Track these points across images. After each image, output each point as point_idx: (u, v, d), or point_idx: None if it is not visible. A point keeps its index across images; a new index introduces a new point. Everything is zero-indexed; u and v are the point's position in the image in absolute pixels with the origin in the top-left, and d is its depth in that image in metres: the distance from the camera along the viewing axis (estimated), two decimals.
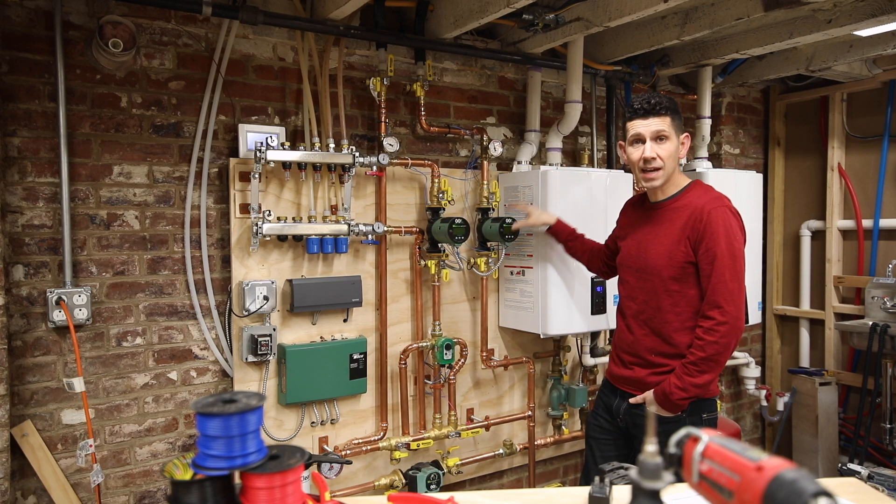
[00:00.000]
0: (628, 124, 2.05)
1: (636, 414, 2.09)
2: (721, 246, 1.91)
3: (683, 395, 1.93)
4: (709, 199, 1.98)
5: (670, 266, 1.98)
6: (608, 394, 2.22)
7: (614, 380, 2.19)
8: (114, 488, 2.28)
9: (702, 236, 1.93)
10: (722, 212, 1.94)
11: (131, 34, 2.08)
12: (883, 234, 3.52)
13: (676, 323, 1.99)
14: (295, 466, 0.98)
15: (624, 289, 2.17)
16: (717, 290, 1.90)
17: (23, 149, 2.11)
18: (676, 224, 1.99)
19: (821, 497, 0.68)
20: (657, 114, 1.98)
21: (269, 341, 2.38)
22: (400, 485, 2.66)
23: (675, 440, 0.86)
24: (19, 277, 2.12)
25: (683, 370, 1.93)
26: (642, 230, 2.11)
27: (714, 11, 2.56)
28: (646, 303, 2.05)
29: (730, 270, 1.90)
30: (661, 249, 2.01)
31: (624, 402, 2.12)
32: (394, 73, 2.60)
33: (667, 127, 1.99)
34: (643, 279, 2.06)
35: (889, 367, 3.33)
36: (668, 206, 2.05)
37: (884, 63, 3.40)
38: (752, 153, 3.94)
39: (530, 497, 1.41)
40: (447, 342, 2.69)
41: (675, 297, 1.99)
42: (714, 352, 1.89)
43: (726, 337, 1.89)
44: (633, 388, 2.10)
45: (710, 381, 1.95)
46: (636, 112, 2.01)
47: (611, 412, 2.19)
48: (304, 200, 2.50)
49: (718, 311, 1.89)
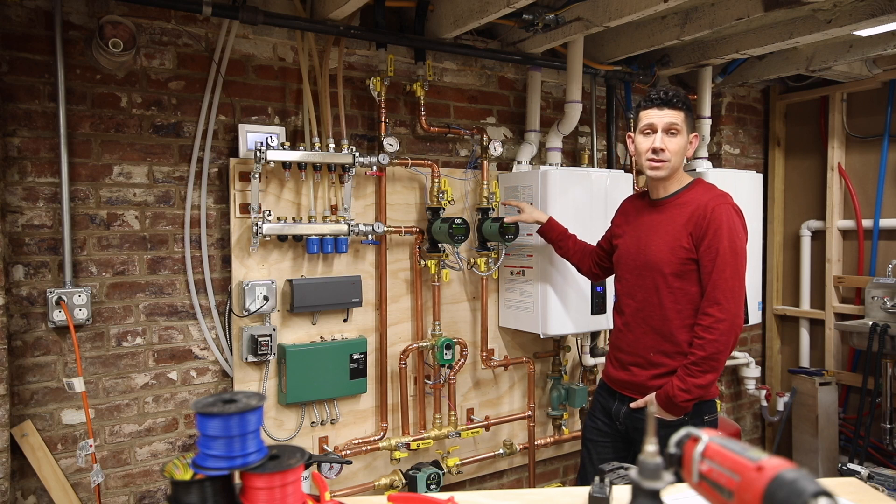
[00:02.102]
0: (641, 113, 2.03)
1: (637, 418, 2.07)
2: (724, 243, 1.90)
3: (687, 397, 1.91)
4: (712, 196, 1.98)
5: (672, 262, 1.97)
6: (606, 396, 2.21)
7: (612, 383, 2.18)
8: (114, 488, 2.29)
9: (705, 233, 1.92)
10: (726, 209, 1.94)
11: (131, 34, 2.08)
12: (883, 234, 3.52)
13: (678, 320, 1.98)
14: (295, 466, 0.98)
15: (622, 287, 2.15)
16: (718, 286, 1.89)
17: (23, 149, 2.11)
18: (679, 220, 1.98)
19: (821, 497, 0.68)
20: (673, 106, 1.98)
21: (269, 341, 2.38)
22: (400, 485, 2.66)
23: (675, 440, 0.87)
24: (19, 277, 2.12)
25: (685, 371, 1.92)
26: (643, 227, 2.09)
27: (714, 11, 2.56)
28: (646, 300, 2.04)
29: (731, 268, 1.90)
30: (663, 245, 2.00)
31: (624, 406, 2.11)
32: (394, 73, 2.60)
33: (680, 121, 1.98)
34: (643, 276, 2.04)
35: (889, 367, 3.33)
36: (671, 202, 2.04)
37: (884, 63, 3.40)
38: (752, 153, 3.94)
39: (530, 497, 1.41)
40: (447, 342, 2.69)
41: (676, 295, 1.98)
42: (714, 350, 1.88)
43: (725, 335, 1.88)
44: (633, 391, 2.09)
45: (713, 382, 1.94)
46: (652, 101, 1.99)
47: (609, 415, 2.18)
48: (304, 200, 2.50)
49: (718, 308, 1.88)
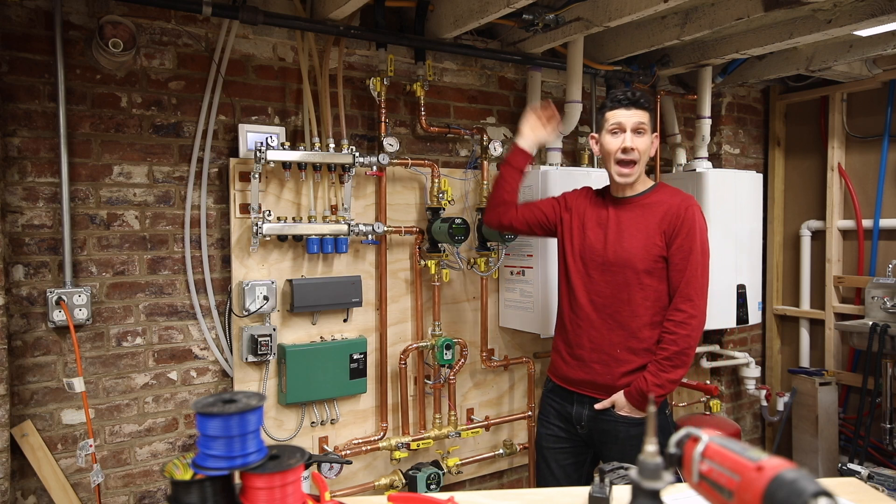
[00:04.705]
0: (608, 114, 2.06)
1: (603, 419, 2.05)
2: (696, 242, 1.99)
3: (661, 392, 1.97)
4: (683, 197, 2.06)
5: (646, 259, 2.00)
6: (559, 400, 2.17)
7: (569, 383, 2.14)
8: (114, 488, 2.28)
9: (678, 232, 1.99)
10: (697, 210, 2.04)
11: (131, 34, 2.08)
12: (883, 234, 3.52)
13: (646, 317, 2.01)
14: (295, 466, 0.98)
15: (585, 282, 2.08)
16: (691, 283, 1.97)
17: (23, 149, 2.11)
18: (652, 219, 2.02)
19: (821, 497, 0.68)
20: (640, 106, 2.02)
21: (269, 341, 2.38)
22: (400, 485, 2.66)
23: (676, 440, 0.86)
24: (19, 277, 2.12)
25: (658, 367, 1.96)
26: (610, 224, 2.07)
27: (714, 11, 2.56)
28: (614, 296, 2.04)
29: (701, 266, 1.99)
30: (636, 243, 2.02)
31: (585, 409, 2.09)
32: (394, 73, 2.60)
33: (646, 121, 2.03)
34: (613, 272, 2.03)
35: (889, 367, 3.33)
36: (640, 201, 2.06)
37: (884, 63, 3.40)
38: (752, 153, 3.93)
39: (530, 497, 1.41)
40: (447, 342, 2.69)
41: (647, 291, 2.01)
42: (686, 345, 1.96)
43: (696, 330, 1.98)
44: (597, 391, 2.06)
45: (683, 376, 2.01)
46: (619, 102, 2.03)
47: (566, 419, 2.15)
48: (304, 200, 2.50)
49: (690, 305, 1.96)
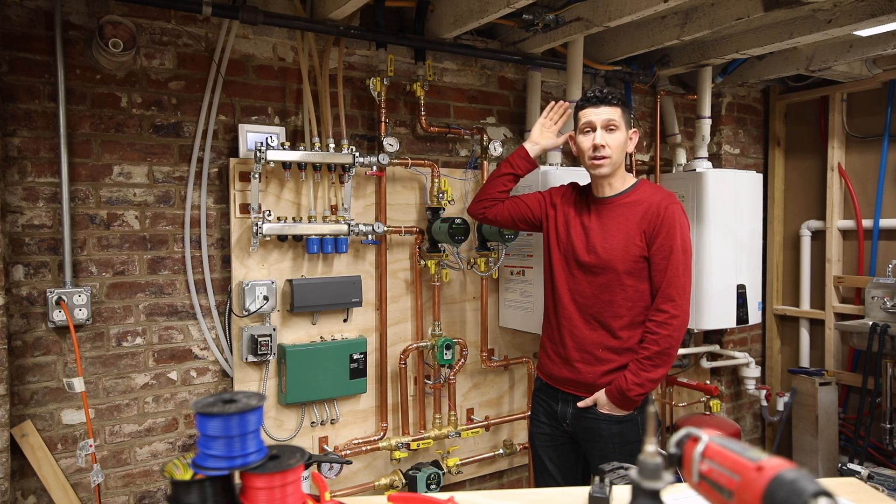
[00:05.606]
0: (580, 113, 2.06)
1: (586, 418, 2.05)
2: (677, 241, 1.96)
3: (641, 391, 1.95)
4: (664, 195, 2.03)
5: (626, 259, 1.99)
6: (546, 399, 2.18)
7: (555, 381, 2.14)
8: (114, 488, 2.29)
9: (658, 231, 1.97)
10: (677, 208, 2.00)
11: (131, 34, 2.08)
12: (883, 234, 3.52)
13: (628, 317, 2.00)
14: (295, 466, 0.98)
15: (570, 281, 2.09)
16: (672, 283, 1.95)
17: (23, 149, 2.11)
18: (632, 219, 2.01)
19: (821, 497, 0.68)
20: (609, 103, 2.01)
21: (269, 341, 2.38)
22: (400, 485, 2.66)
23: (676, 440, 0.86)
24: (19, 277, 2.12)
25: (638, 366, 1.95)
26: (591, 224, 2.07)
27: (714, 11, 2.56)
28: (596, 297, 2.03)
29: (682, 265, 1.97)
30: (616, 243, 2.01)
31: (569, 407, 2.09)
32: (394, 73, 2.60)
33: (617, 117, 2.01)
34: (595, 272, 2.03)
35: (889, 367, 3.33)
36: (619, 201, 2.05)
37: (884, 63, 3.40)
38: (752, 153, 3.93)
39: (530, 497, 1.41)
40: (447, 342, 2.69)
41: (628, 292, 2.00)
42: (668, 345, 1.94)
43: (679, 330, 1.95)
44: (580, 390, 2.07)
45: (664, 375, 1.99)
46: (589, 101, 2.04)
47: (553, 417, 2.15)
48: (304, 200, 2.50)
49: (672, 305, 1.94)
